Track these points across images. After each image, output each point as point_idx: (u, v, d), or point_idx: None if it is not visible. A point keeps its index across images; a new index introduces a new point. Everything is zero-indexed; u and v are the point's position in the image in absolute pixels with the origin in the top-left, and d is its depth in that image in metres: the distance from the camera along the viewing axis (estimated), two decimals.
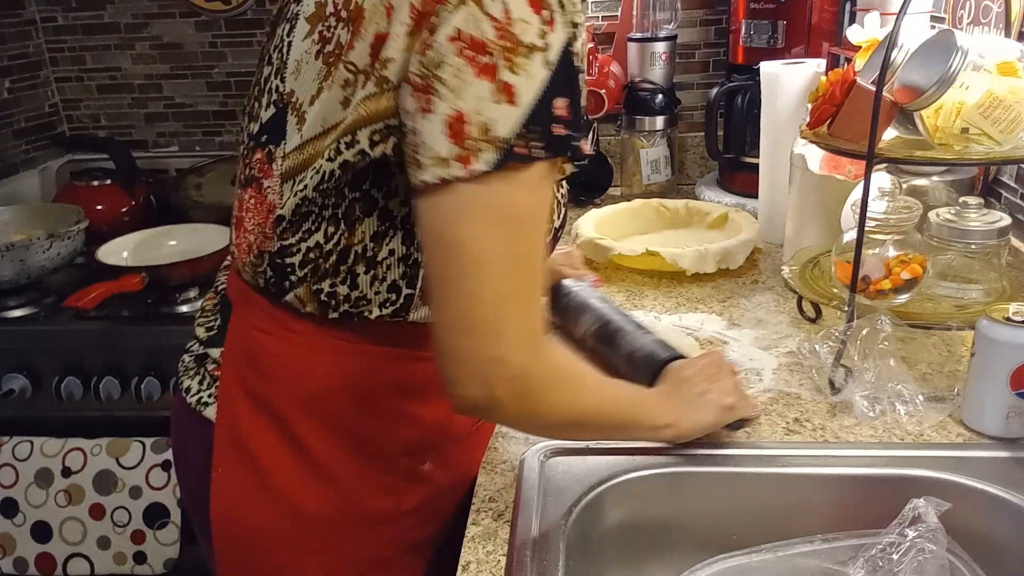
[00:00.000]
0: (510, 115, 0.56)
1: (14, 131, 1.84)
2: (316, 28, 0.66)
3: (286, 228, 0.68)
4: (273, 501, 0.73)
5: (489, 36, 0.55)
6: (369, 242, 0.67)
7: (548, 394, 0.65)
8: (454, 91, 0.56)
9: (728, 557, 0.74)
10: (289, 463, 0.72)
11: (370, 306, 0.70)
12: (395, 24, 0.58)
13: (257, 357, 0.73)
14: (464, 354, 0.60)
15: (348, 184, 0.65)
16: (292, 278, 0.69)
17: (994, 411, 0.79)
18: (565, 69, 0.57)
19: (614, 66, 1.76)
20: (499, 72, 0.55)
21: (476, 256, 0.58)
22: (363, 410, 0.72)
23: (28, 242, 1.40)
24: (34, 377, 1.40)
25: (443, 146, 0.56)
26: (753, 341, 1.05)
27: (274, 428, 0.72)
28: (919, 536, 0.66)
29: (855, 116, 0.87)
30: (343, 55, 0.62)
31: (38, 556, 1.43)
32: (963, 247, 0.97)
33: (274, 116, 0.69)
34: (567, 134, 0.58)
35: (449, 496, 0.81)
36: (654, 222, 1.46)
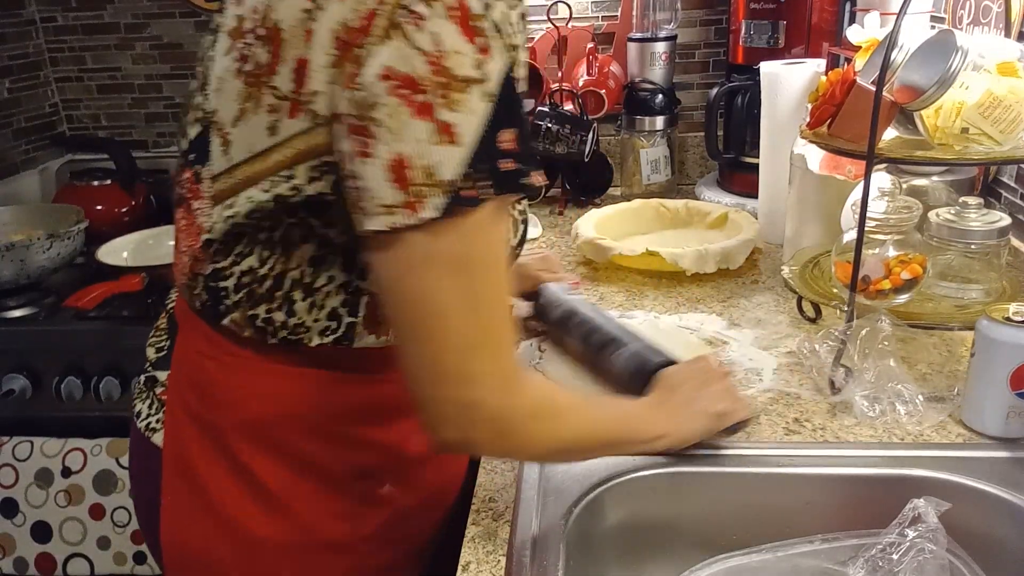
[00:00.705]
0: (453, 156, 0.53)
1: (14, 131, 1.84)
2: (236, 44, 0.62)
3: (218, 250, 0.66)
4: (223, 530, 0.70)
5: (421, 72, 0.52)
6: (307, 267, 0.65)
7: (528, 429, 0.64)
8: (392, 133, 0.52)
9: (728, 557, 0.74)
10: (238, 491, 0.70)
11: (309, 334, 0.67)
12: (316, 51, 0.55)
13: (200, 382, 0.71)
14: (437, 402, 0.59)
15: (285, 211, 0.62)
16: (227, 302, 0.67)
17: (994, 411, 0.79)
18: (507, 98, 0.54)
19: (614, 66, 1.76)
20: (436, 111, 0.52)
21: (436, 309, 0.56)
22: (310, 436, 0.70)
23: (28, 242, 1.40)
24: (34, 377, 1.40)
25: (387, 193, 0.53)
26: (753, 341, 1.05)
27: (221, 455, 0.70)
28: (919, 536, 0.66)
29: (855, 116, 0.87)
30: (265, 78, 0.59)
31: (38, 556, 1.43)
32: (963, 247, 0.97)
33: (199, 135, 0.66)
34: (516, 168, 0.55)
35: (416, 518, 0.78)
36: (654, 222, 1.46)
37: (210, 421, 0.70)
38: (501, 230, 0.58)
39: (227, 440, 0.69)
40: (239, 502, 0.70)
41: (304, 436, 0.70)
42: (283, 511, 0.70)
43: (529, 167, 0.56)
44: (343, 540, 0.73)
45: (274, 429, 0.69)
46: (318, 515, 0.72)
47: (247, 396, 0.69)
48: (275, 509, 0.70)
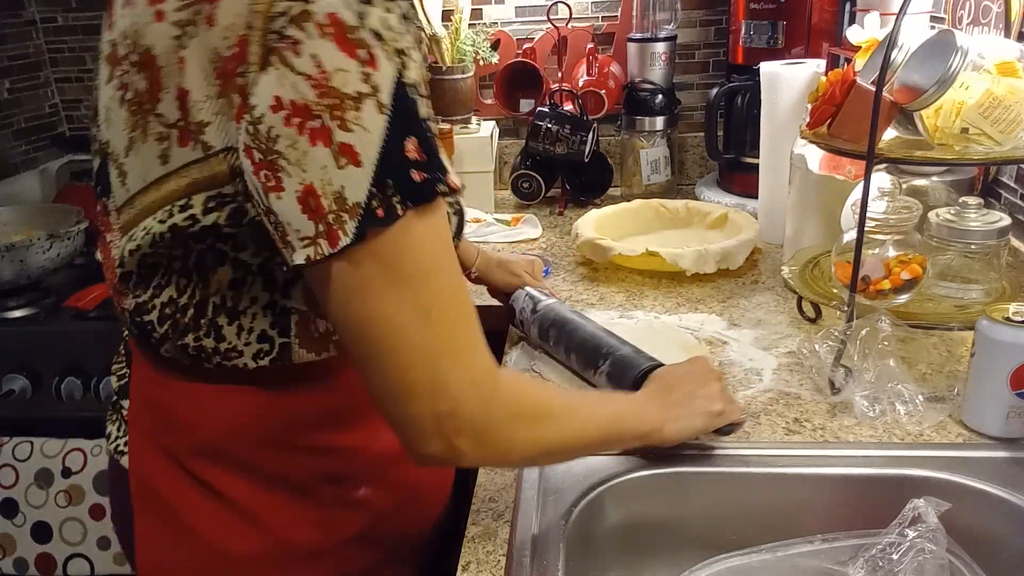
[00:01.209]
0: (358, 177, 0.51)
1: (14, 131, 1.84)
2: (115, 72, 0.60)
3: (136, 283, 0.64)
4: (197, 549, 0.69)
5: (310, 97, 0.50)
6: (227, 291, 0.62)
7: (510, 432, 0.61)
8: (296, 164, 0.51)
9: (728, 557, 0.74)
10: (208, 511, 0.68)
11: (243, 358, 0.64)
12: (192, 81, 0.54)
13: (155, 409, 0.70)
14: (413, 419, 0.57)
15: (192, 237, 0.60)
16: (155, 335, 0.65)
17: (994, 411, 0.79)
18: (403, 106, 0.52)
19: (614, 66, 1.76)
20: (333, 134, 0.50)
21: (387, 329, 0.54)
22: (270, 450, 0.68)
23: (28, 242, 1.40)
24: (34, 377, 1.40)
25: (304, 225, 0.52)
26: (753, 341, 1.05)
27: (186, 478, 0.68)
28: (919, 536, 0.66)
29: (855, 116, 0.87)
30: (147, 106, 0.57)
31: (38, 556, 1.43)
32: (963, 247, 0.97)
33: (100, 167, 0.65)
34: (426, 177, 0.53)
35: (398, 517, 0.77)
36: (654, 222, 1.46)
37: (170, 446, 0.69)
38: (438, 235, 0.56)
39: (189, 462, 0.68)
40: (211, 522, 0.69)
41: (264, 451, 0.68)
42: (257, 525, 0.69)
43: (439, 173, 0.54)
44: (322, 547, 0.72)
45: (232, 448, 0.68)
46: (293, 525, 0.70)
47: (200, 419, 0.68)
48: (249, 524, 0.69)
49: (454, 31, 1.66)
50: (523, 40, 1.80)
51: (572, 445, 0.69)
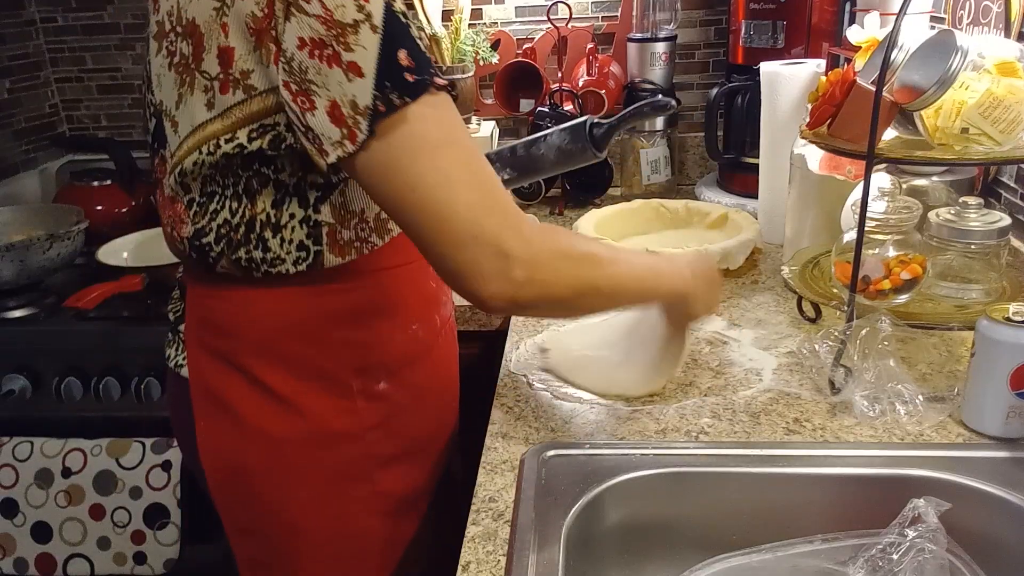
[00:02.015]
0: (364, 86, 0.64)
1: (14, 131, 1.84)
2: (162, 44, 0.76)
3: (196, 212, 0.78)
4: (248, 437, 0.82)
5: (321, 31, 0.64)
6: (270, 210, 0.76)
7: (556, 266, 0.72)
8: (323, 86, 0.65)
9: (728, 557, 0.74)
10: (256, 402, 0.81)
11: (285, 264, 0.78)
12: (237, 40, 0.68)
13: (209, 320, 0.83)
14: (470, 263, 0.67)
15: (240, 165, 0.74)
16: (213, 254, 0.78)
17: (994, 411, 0.79)
18: (394, 26, 0.65)
19: (614, 66, 1.76)
20: (342, 55, 0.64)
21: (418, 194, 0.66)
22: (306, 343, 0.81)
23: (28, 242, 1.40)
24: (34, 377, 1.40)
25: (333, 131, 0.66)
26: (753, 341, 1.05)
27: (237, 375, 0.81)
28: (919, 536, 0.66)
29: (855, 116, 0.87)
30: (193, 65, 0.72)
31: (38, 556, 1.43)
32: (963, 247, 0.97)
33: (156, 125, 0.80)
34: (417, 78, 0.66)
35: (413, 413, 0.88)
36: (654, 222, 1.46)
37: (223, 350, 0.82)
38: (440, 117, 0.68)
39: (239, 361, 0.81)
40: (259, 411, 0.81)
41: (301, 345, 0.81)
42: (297, 412, 0.81)
43: (428, 72, 0.67)
44: (351, 432, 0.83)
45: (276, 344, 0.81)
46: (325, 411, 0.82)
47: (247, 321, 0.81)
48: (290, 411, 0.81)
49: (454, 31, 1.66)
50: (523, 40, 1.80)
51: (612, 287, 0.79)
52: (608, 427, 0.87)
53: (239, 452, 0.83)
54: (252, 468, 0.83)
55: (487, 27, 1.80)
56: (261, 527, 0.86)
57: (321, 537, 0.85)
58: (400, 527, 0.90)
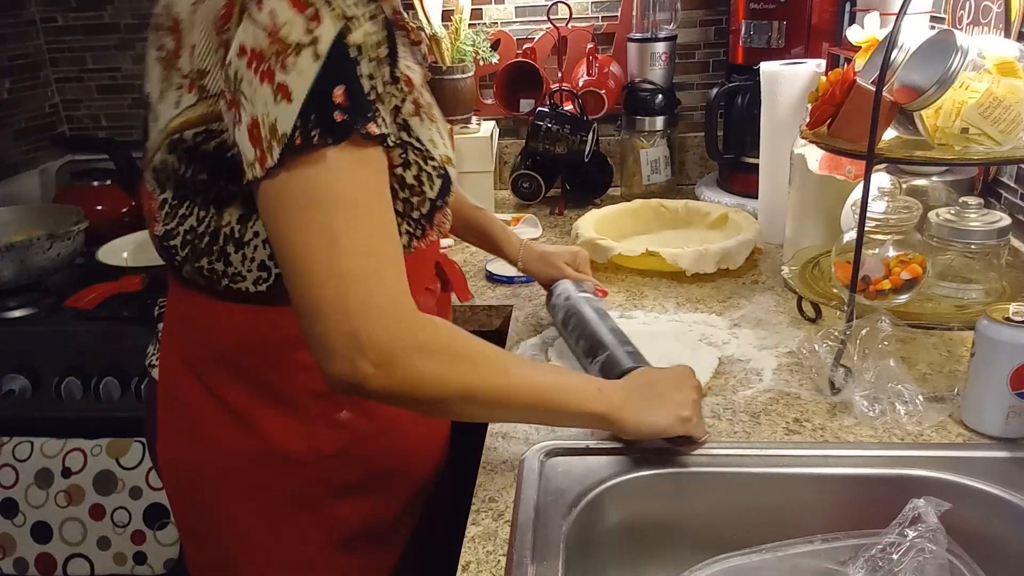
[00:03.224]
0: (288, 111, 0.61)
1: (14, 131, 1.84)
2: (155, 37, 0.76)
3: (167, 213, 0.76)
4: (203, 447, 0.81)
5: (263, 44, 0.61)
6: (236, 224, 0.73)
7: (417, 364, 0.65)
8: (249, 100, 0.62)
9: (728, 557, 0.74)
10: (213, 412, 0.79)
11: (246, 282, 0.75)
12: (200, 36, 0.68)
13: (180, 323, 0.83)
14: (319, 337, 0.63)
15: (209, 178, 0.72)
16: (178, 258, 0.77)
17: (994, 411, 0.79)
18: (339, 59, 0.61)
19: (614, 66, 1.76)
20: (276, 74, 0.60)
21: (298, 245, 0.62)
22: (265, 363, 0.78)
23: (28, 242, 1.40)
24: (34, 377, 1.40)
25: (249, 151, 0.63)
26: (753, 341, 1.05)
27: (198, 383, 0.80)
28: (919, 536, 0.66)
29: (855, 116, 0.87)
30: (173, 60, 0.72)
31: (38, 556, 1.43)
32: (963, 247, 0.97)
33: (144, 116, 0.79)
34: (346, 119, 0.62)
35: (372, 442, 0.82)
36: (654, 222, 1.46)
37: (189, 355, 0.81)
38: (353, 171, 0.63)
39: (201, 368, 0.80)
40: (215, 422, 0.80)
41: (261, 363, 0.78)
42: (252, 429, 0.79)
43: (362, 119, 0.62)
44: (306, 457, 0.80)
45: (237, 357, 0.78)
46: (280, 433, 0.79)
47: (213, 329, 0.79)
48: (245, 427, 0.79)
49: (454, 31, 1.66)
50: (523, 40, 1.80)
51: (496, 398, 0.71)
52: None
53: (194, 460, 0.82)
54: (206, 477, 0.81)
55: (487, 27, 1.80)
56: (213, 536, 0.84)
57: (270, 557, 0.82)
58: (358, 562, 0.85)
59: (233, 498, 0.81)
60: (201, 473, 0.82)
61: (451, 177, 0.78)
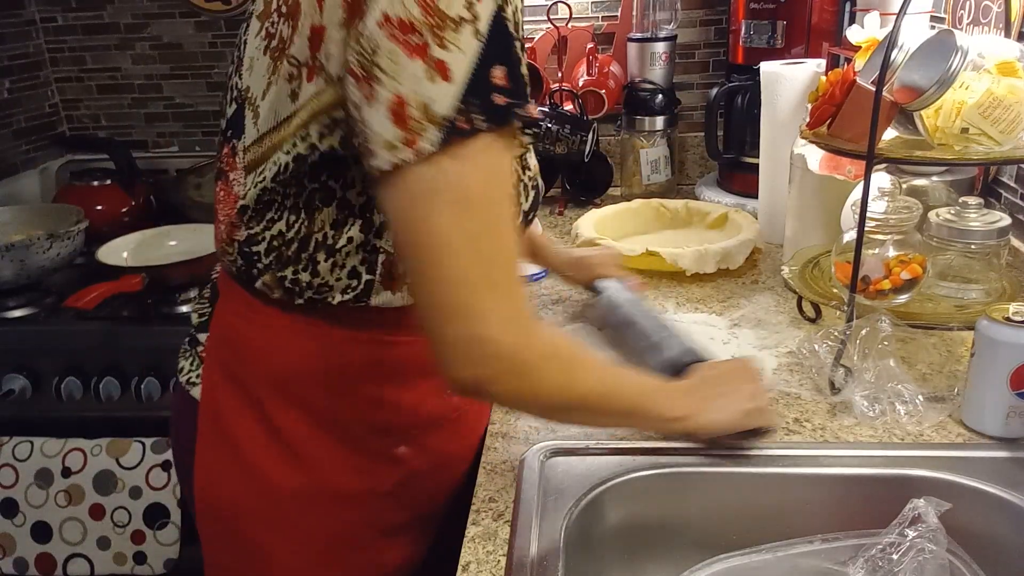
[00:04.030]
0: (447, 92, 0.56)
1: (14, 131, 1.84)
2: (264, 25, 0.68)
3: (251, 217, 0.71)
4: (247, 477, 0.75)
5: (415, 15, 0.55)
6: (329, 230, 0.69)
7: (542, 373, 0.64)
8: (391, 76, 0.56)
9: (728, 557, 0.74)
10: (263, 441, 0.75)
11: (332, 292, 0.71)
12: (328, 16, 0.59)
13: (234, 341, 0.76)
14: (449, 339, 0.61)
15: (307, 175, 0.67)
16: (259, 265, 0.72)
17: (994, 411, 0.79)
18: (499, 37, 0.57)
19: (614, 66, 1.76)
20: (430, 50, 0.55)
21: (440, 242, 0.58)
22: (330, 392, 0.74)
23: (28, 242, 1.40)
24: (34, 377, 1.40)
25: (389, 131, 0.56)
26: (753, 341, 1.05)
27: (249, 408, 0.75)
28: (919, 536, 0.66)
29: (855, 116, 0.87)
30: (286, 49, 0.64)
31: (38, 556, 1.43)
32: (963, 247, 0.97)
33: (235, 112, 0.72)
34: (508, 103, 0.58)
35: (428, 481, 0.81)
36: (654, 222, 1.46)
37: (241, 376, 0.75)
38: (501, 167, 0.60)
39: (255, 394, 0.74)
40: (263, 453, 0.75)
41: (324, 392, 0.74)
42: (304, 462, 0.75)
43: (521, 101, 0.59)
44: (358, 494, 0.77)
45: (297, 384, 0.74)
46: (335, 468, 0.75)
47: (274, 353, 0.74)
48: (296, 460, 0.75)
49: None
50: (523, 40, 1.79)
51: (598, 405, 0.71)
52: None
53: (234, 489, 0.76)
54: (245, 509, 0.76)
55: None
56: (241, 571, 0.79)
57: None
58: None
59: (274, 536, 0.76)
60: (241, 506, 0.76)
61: (541, 191, 0.75)
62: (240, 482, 0.76)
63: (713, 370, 0.82)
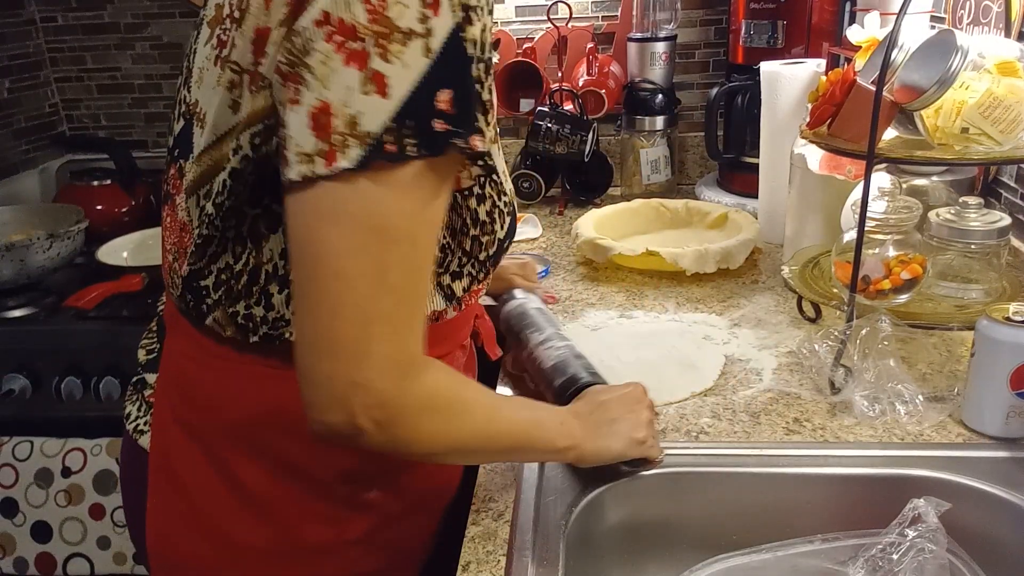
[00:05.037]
0: (380, 108, 0.50)
1: (14, 131, 1.84)
2: (215, 32, 0.62)
3: (196, 248, 0.65)
4: (205, 533, 0.70)
5: (360, 19, 0.50)
6: (278, 260, 0.63)
7: (418, 423, 0.59)
8: (321, 80, 0.51)
9: (728, 557, 0.74)
10: (221, 493, 0.69)
11: (289, 327, 0.65)
12: (273, 18, 0.55)
13: (184, 385, 0.70)
14: (323, 377, 0.55)
15: (247, 201, 0.61)
16: (208, 301, 0.66)
17: (994, 411, 0.79)
18: (452, 58, 0.52)
19: (614, 66, 1.76)
20: (370, 60, 0.50)
21: (337, 270, 0.52)
22: (292, 438, 0.67)
23: (28, 242, 1.40)
24: (34, 377, 1.40)
25: (307, 140, 0.51)
26: (753, 341, 1.05)
27: (204, 457, 0.69)
28: (919, 536, 0.66)
29: (855, 116, 0.87)
30: (229, 55, 0.59)
31: (38, 556, 1.43)
32: (963, 247, 0.97)
33: (183, 128, 0.67)
34: (448, 130, 0.52)
35: (404, 523, 0.76)
36: (654, 222, 1.46)
37: (194, 423, 0.69)
38: (429, 202, 0.55)
39: (210, 442, 0.69)
40: (222, 507, 0.69)
41: (286, 438, 0.68)
42: (266, 516, 0.69)
43: (464, 130, 0.53)
44: (328, 545, 0.72)
45: (256, 431, 0.68)
46: (302, 519, 0.70)
47: (229, 398, 0.68)
48: (258, 514, 0.69)
49: None
50: (523, 40, 1.80)
51: (481, 447, 0.67)
52: None
53: (192, 548, 0.70)
54: (204, 570, 0.70)
55: None
56: None
57: None
58: None
59: None
60: (199, 563, 0.71)
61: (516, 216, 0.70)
62: (198, 539, 0.70)
63: (606, 395, 0.78)
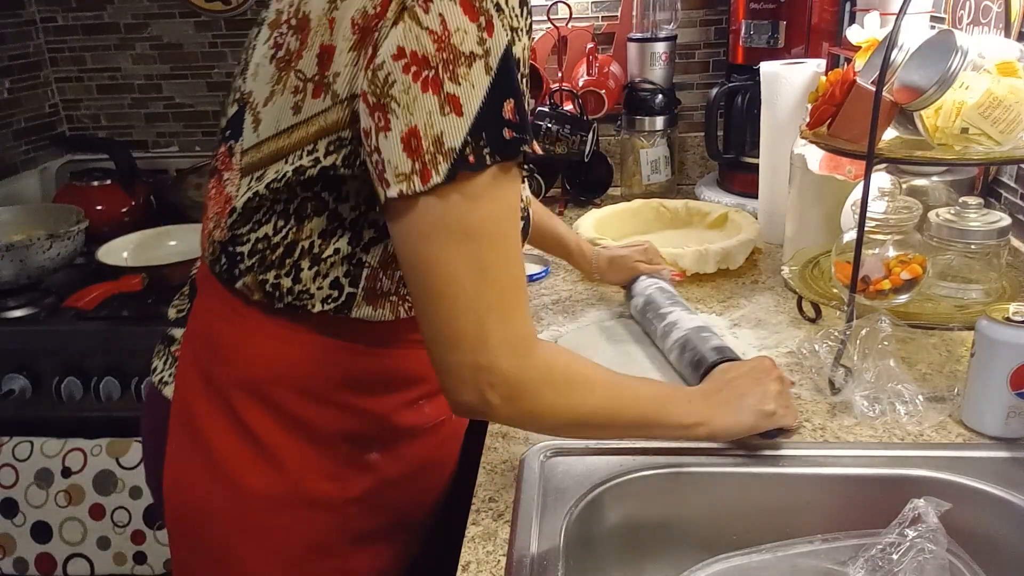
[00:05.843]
0: (458, 125, 0.58)
1: (14, 131, 1.84)
2: (273, 34, 0.70)
3: (238, 218, 0.71)
4: (218, 479, 0.75)
5: (429, 50, 0.57)
6: (316, 239, 0.70)
7: (539, 395, 0.67)
8: (406, 108, 0.58)
9: (728, 557, 0.74)
10: (235, 443, 0.75)
11: (312, 300, 0.72)
12: (339, 38, 0.62)
13: (210, 340, 0.76)
14: (453, 366, 0.64)
15: (301, 185, 0.67)
16: (241, 266, 0.72)
17: (994, 411, 0.79)
18: (508, 72, 0.59)
19: (614, 66, 1.76)
20: (443, 84, 0.58)
21: (446, 275, 0.61)
22: (303, 397, 0.74)
23: (28, 242, 1.40)
24: (34, 377, 1.40)
25: (404, 162, 0.59)
26: (753, 341, 1.05)
27: (222, 408, 0.75)
28: (919, 536, 0.66)
29: (855, 116, 0.87)
30: (293, 62, 0.66)
31: (38, 556, 1.43)
32: (963, 247, 0.97)
33: (236, 113, 0.74)
34: (515, 137, 0.60)
35: (402, 488, 0.82)
36: (654, 222, 1.46)
37: (215, 376, 0.75)
38: (508, 197, 0.62)
39: (228, 394, 0.74)
40: (235, 454, 0.75)
41: (298, 396, 0.74)
42: (273, 465, 0.75)
43: (527, 135, 0.61)
44: (329, 499, 0.77)
45: (271, 387, 0.74)
46: (306, 472, 0.76)
47: (250, 354, 0.74)
48: (268, 463, 0.74)
49: None
50: None
51: (607, 420, 0.73)
52: None
53: (204, 492, 0.76)
54: (214, 512, 0.76)
55: None
56: (208, 574, 0.79)
57: None
58: None
59: (245, 540, 0.76)
60: (212, 509, 0.76)
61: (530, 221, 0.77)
62: (210, 483, 0.75)
63: (734, 371, 0.83)
